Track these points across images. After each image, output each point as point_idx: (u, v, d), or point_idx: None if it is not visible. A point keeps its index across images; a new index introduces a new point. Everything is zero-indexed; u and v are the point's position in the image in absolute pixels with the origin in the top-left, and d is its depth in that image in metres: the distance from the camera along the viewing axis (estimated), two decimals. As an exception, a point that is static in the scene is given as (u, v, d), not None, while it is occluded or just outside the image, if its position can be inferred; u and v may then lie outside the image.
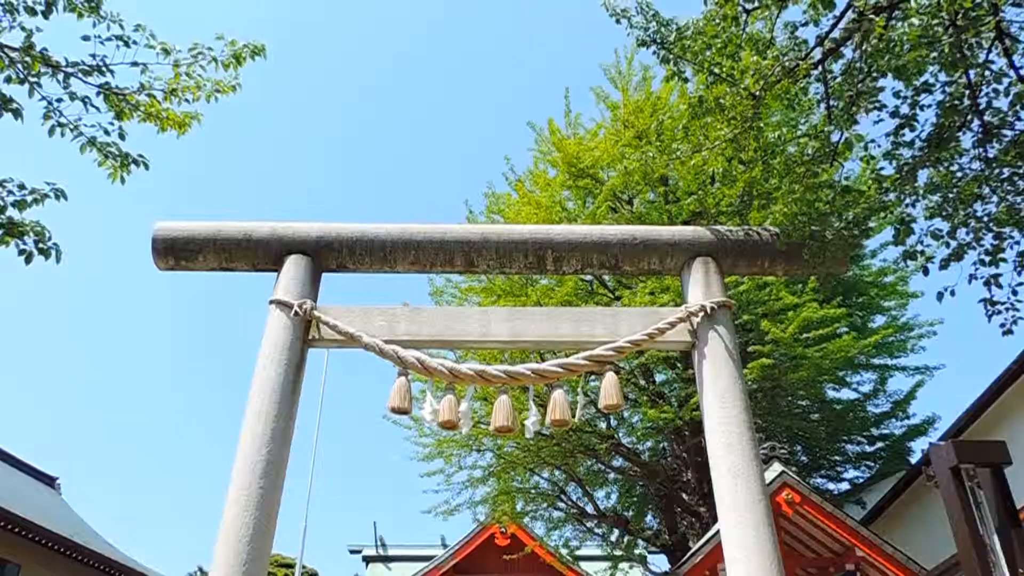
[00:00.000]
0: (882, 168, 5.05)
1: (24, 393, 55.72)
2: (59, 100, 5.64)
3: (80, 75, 5.62)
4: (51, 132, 5.67)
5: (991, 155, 4.81)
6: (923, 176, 4.89)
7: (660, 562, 15.09)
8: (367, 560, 25.25)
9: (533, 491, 13.49)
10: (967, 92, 4.69)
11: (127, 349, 61.20)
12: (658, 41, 5.20)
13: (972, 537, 5.33)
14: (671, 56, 5.20)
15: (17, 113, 5.43)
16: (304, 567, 25.67)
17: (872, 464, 13.63)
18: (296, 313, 5.24)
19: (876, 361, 12.71)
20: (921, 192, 4.86)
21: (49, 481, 22.40)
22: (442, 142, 62.78)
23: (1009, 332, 5.16)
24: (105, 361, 61.69)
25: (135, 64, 5.78)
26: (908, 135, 4.84)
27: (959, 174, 4.85)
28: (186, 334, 63.79)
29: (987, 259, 5.04)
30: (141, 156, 5.98)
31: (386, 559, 24.93)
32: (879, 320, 13.01)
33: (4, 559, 15.98)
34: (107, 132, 5.83)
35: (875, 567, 9.73)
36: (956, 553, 6.01)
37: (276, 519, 4.77)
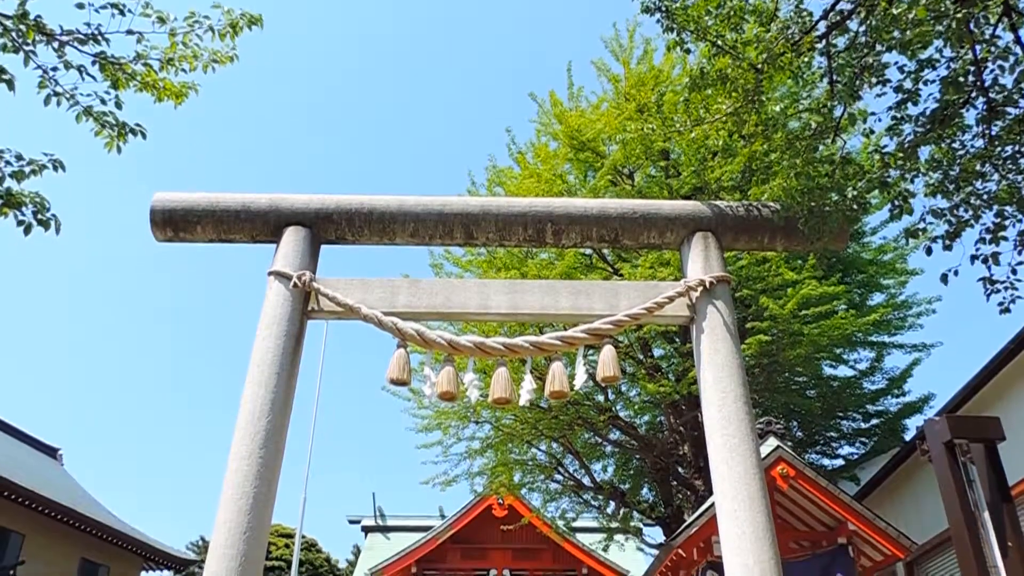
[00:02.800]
0: (885, 146, 5.01)
1: (25, 364, 55.93)
2: (54, 69, 5.56)
3: (75, 44, 5.55)
4: (47, 101, 5.62)
5: (994, 133, 4.77)
6: (924, 153, 4.86)
7: (655, 534, 15.27)
8: (366, 530, 25.60)
9: (531, 463, 13.60)
10: (972, 68, 4.64)
11: (129, 320, 61.30)
12: (662, 9, 5.13)
13: (964, 512, 5.40)
14: (675, 25, 5.14)
15: (10, 84, 5.37)
16: (304, 537, 26.03)
17: (867, 441, 13.72)
18: (295, 284, 5.25)
19: (873, 338, 12.74)
20: (922, 168, 4.83)
21: (51, 452, 22.58)
22: (444, 114, 62.25)
23: (1007, 311, 5.16)
24: (106, 333, 61.83)
25: (130, 33, 5.69)
26: (912, 110, 4.79)
27: (961, 151, 4.81)
28: (187, 305, 63.85)
29: (987, 238, 5.03)
30: (139, 125, 5.92)
31: (385, 529, 25.26)
32: (878, 298, 13.01)
33: (7, 528, 16.16)
34: (103, 101, 5.77)
35: (867, 541, 9.85)
36: (948, 528, 6.08)
37: (276, 488, 4.82)
